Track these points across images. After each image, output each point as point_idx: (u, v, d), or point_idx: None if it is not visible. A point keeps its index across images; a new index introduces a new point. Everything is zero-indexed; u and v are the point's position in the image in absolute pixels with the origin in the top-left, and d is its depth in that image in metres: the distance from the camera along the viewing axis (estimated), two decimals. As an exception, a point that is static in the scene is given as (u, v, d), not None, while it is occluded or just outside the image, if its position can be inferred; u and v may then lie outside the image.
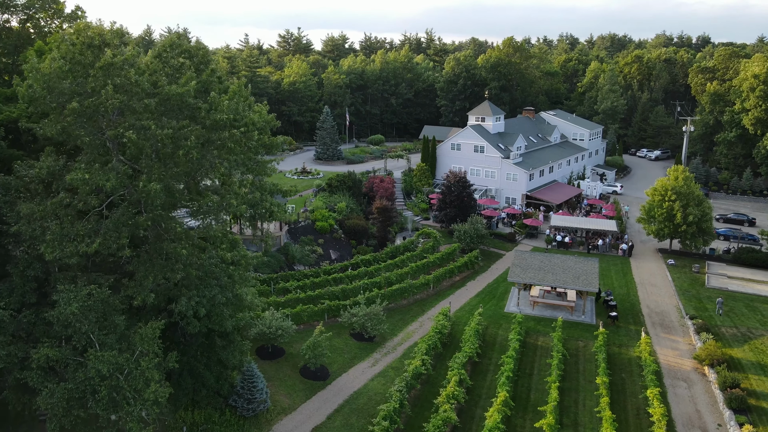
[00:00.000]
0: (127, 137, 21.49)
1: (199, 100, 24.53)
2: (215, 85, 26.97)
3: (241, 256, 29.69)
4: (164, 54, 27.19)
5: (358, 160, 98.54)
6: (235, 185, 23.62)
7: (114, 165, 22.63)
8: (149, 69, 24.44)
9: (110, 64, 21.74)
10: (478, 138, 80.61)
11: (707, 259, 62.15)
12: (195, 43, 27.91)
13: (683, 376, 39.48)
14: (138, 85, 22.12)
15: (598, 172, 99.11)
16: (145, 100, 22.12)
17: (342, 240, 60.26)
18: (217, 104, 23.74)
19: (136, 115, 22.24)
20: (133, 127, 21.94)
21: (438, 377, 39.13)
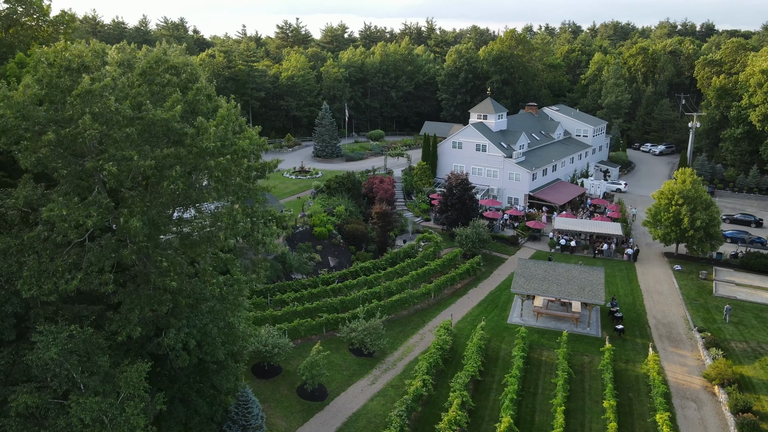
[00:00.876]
0: (107, 169, 19.98)
1: (186, 124, 22.94)
2: (203, 104, 25.36)
3: (234, 280, 28.27)
4: (149, 71, 25.56)
5: (357, 157, 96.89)
6: (224, 216, 22.12)
7: (95, 198, 21.13)
8: (132, 91, 22.83)
9: (88, 92, 20.14)
10: (480, 136, 78.88)
11: (714, 264, 60.80)
12: (182, 59, 26.21)
13: (692, 395, 38.26)
14: (119, 113, 20.54)
15: (601, 169, 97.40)
16: (126, 129, 20.56)
17: (341, 246, 58.87)
18: (205, 129, 22.17)
19: (117, 144, 20.69)
20: (113, 158, 20.40)
21: (439, 397, 37.95)
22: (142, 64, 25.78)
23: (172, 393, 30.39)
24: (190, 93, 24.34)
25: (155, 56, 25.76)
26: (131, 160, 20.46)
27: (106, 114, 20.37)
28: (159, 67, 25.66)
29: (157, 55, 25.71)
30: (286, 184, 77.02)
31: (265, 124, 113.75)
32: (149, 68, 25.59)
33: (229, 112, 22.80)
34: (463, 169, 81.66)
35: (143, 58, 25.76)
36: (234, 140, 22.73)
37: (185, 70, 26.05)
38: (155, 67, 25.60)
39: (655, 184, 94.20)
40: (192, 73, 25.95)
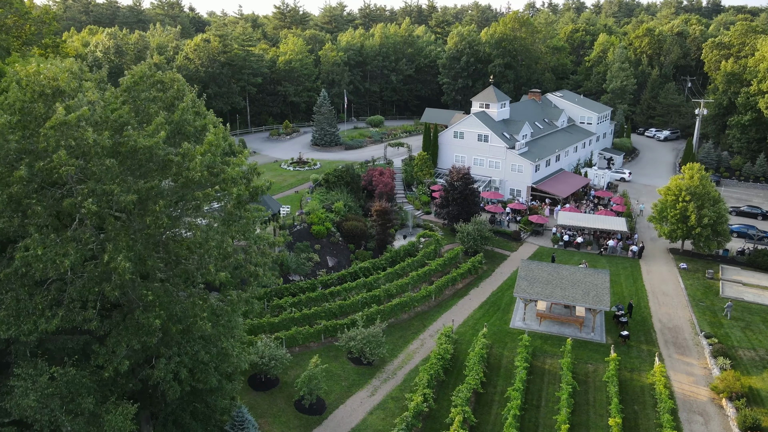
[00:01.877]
0: (85, 207, 18.55)
1: (171, 149, 21.40)
2: (190, 123, 23.76)
3: (227, 302, 26.90)
4: (134, 87, 23.93)
5: (356, 145, 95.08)
6: (213, 250, 20.75)
7: (74, 233, 19.74)
8: (113, 114, 21.22)
9: (63, 123, 18.58)
10: (482, 126, 76.97)
11: (720, 261, 59.62)
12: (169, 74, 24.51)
13: (699, 408, 37.38)
14: (97, 144, 19.01)
15: (605, 157, 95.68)
16: (106, 161, 19.06)
17: (340, 244, 57.60)
18: (191, 157, 20.65)
19: (96, 177, 19.21)
20: (93, 193, 18.94)
21: (441, 410, 37.07)
22: (126, 80, 24.13)
23: (165, 415, 29.50)
24: (176, 113, 22.73)
25: (140, 71, 24.09)
26: (112, 195, 19.01)
27: (83, 146, 18.85)
28: (145, 82, 24.01)
29: (143, 71, 24.04)
30: (283, 176, 75.45)
31: (263, 110, 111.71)
32: (134, 84, 23.95)
33: (217, 138, 21.22)
34: (464, 159, 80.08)
35: (128, 74, 24.06)
36: (223, 167, 21.23)
37: (172, 85, 24.38)
38: (140, 82, 23.95)
39: (659, 173, 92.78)
40: (179, 90, 24.28)
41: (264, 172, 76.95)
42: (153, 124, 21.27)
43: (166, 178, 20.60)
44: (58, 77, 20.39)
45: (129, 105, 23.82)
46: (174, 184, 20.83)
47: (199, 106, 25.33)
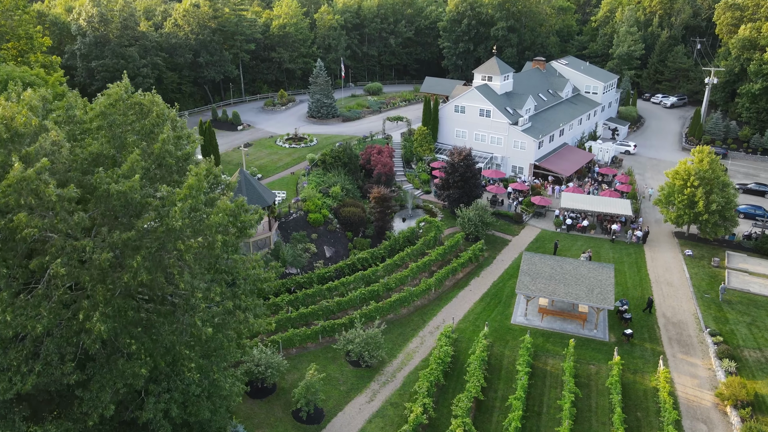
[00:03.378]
0: (54, 270, 16.95)
1: (149, 190, 19.57)
2: (171, 154, 21.80)
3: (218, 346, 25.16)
4: (110, 111, 21.85)
5: (354, 116, 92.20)
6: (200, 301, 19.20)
7: (45, 291, 18.18)
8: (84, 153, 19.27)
9: (21, 179, 16.69)
10: (484, 101, 74.14)
11: (726, 246, 58.28)
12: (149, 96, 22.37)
13: (703, 415, 36.83)
14: (63, 198, 17.19)
15: (610, 127, 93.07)
16: (74, 218, 17.29)
17: (337, 232, 56.09)
18: (172, 200, 18.86)
19: (64, 234, 17.51)
20: (62, 252, 17.29)
21: (441, 419, 36.48)
22: (101, 102, 22.01)
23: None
24: (156, 145, 20.77)
25: (117, 94, 21.96)
26: (84, 251, 17.36)
27: (46, 202, 17.05)
28: (121, 105, 21.93)
29: (119, 94, 21.89)
30: (279, 155, 73.19)
31: (257, 78, 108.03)
32: (110, 106, 21.87)
33: (199, 180, 19.29)
34: (465, 134, 77.65)
35: (103, 95, 21.92)
36: (207, 211, 19.44)
37: (151, 109, 22.27)
38: (116, 105, 21.86)
39: (665, 144, 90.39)
40: (159, 114, 22.18)
41: (259, 150, 74.43)
42: (128, 162, 19.35)
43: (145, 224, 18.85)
44: (15, 117, 18.31)
45: (104, 131, 21.81)
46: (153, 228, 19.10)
47: (180, 129, 23.25)
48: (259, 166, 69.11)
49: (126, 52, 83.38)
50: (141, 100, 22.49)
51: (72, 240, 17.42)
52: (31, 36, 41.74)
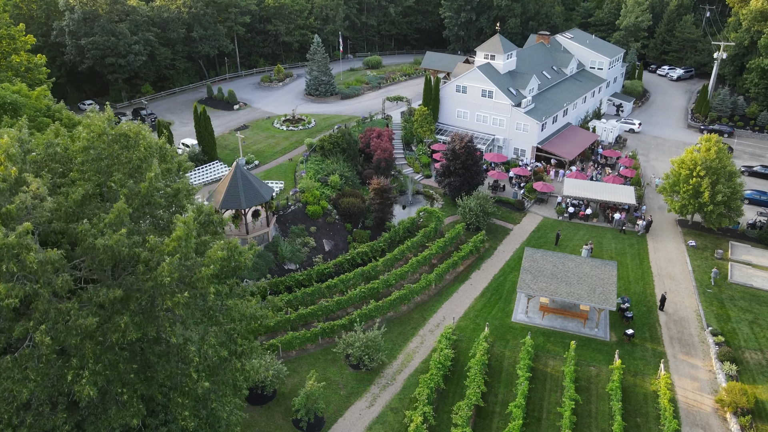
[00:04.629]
0: (38, 338, 16.25)
1: (137, 238, 18.69)
2: (161, 189, 20.81)
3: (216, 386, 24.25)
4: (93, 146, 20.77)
5: (353, 93, 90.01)
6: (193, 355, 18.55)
7: (32, 351, 17.52)
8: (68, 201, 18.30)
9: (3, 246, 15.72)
10: (487, 81, 72.10)
11: (730, 235, 57.55)
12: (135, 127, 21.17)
13: (702, 421, 36.89)
14: (47, 262, 16.32)
15: (614, 103, 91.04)
16: (58, 282, 16.47)
17: (336, 224, 55.28)
18: (160, 251, 18.00)
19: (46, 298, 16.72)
20: (46, 318, 16.55)
21: (440, 427, 36.54)
22: (82, 138, 20.88)
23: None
24: (143, 185, 19.76)
25: (98, 128, 20.80)
26: (68, 318, 16.62)
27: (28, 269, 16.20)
28: (104, 140, 20.81)
29: (101, 128, 20.73)
30: (276, 139, 71.64)
31: (253, 52, 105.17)
32: (92, 141, 20.76)
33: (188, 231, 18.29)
34: (466, 115, 75.92)
35: (83, 129, 20.75)
36: (198, 262, 18.59)
37: (137, 141, 21.13)
38: (99, 140, 20.75)
39: (670, 121, 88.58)
40: (147, 148, 21.05)
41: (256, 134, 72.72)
42: (114, 210, 18.40)
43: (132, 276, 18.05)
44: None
45: (89, 165, 20.75)
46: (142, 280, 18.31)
47: (170, 159, 22.16)
48: (256, 152, 67.74)
49: (116, 28, 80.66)
50: (126, 131, 21.31)
51: (56, 302, 16.68)
52: (14, 36, 39.92)
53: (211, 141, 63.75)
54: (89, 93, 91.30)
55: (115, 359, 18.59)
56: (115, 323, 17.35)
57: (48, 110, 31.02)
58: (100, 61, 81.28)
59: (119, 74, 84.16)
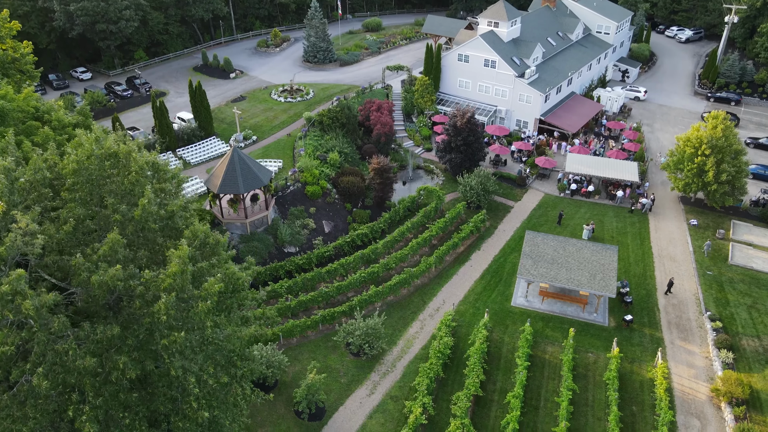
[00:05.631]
0: (35, 381, 16.12)
1: (133, 270, 18.34)
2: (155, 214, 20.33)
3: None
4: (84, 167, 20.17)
5: (352, 60, 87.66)
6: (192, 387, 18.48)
7: (30, 387, 17.45)
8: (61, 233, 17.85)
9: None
10: (490, 51, 70.01)
11: (732, 213, 57.11)
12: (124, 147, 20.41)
13: (697, 410, 37.53)
14: (43, 306, 16.01)
15: (620, 69, 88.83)
16: (55, 324, 16.21)
17: (336, 203, 54.79)
18: (156, 284, 17.70)
19: (43, 342, 16.50)
20: (43, 360, 16.39)
21: (440, 414, 37.24)
22: (71, 163, 20.24)
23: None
24: (137, 212, 19.27)
25: (87, 151, 20.13)
26: (67, 355, 16.48)
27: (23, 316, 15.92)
28: (93, 161, 20.20)
29: (89, 150, 20.06)
30: (274, 112, 70.16)
31: (248, 13, 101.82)
32: (80, 164, 20.15)
33: (183, 267, 17.87)
34: (468, 85, 74.16)
35: (71, 152, 20.07)
36: (195, 296, 18.29)
37: (127, 163, 20.50)
38: (88, 162, 20.14)
39: (677, 88, 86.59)
40: (138, 171, 20.40)
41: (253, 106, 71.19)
42: (108, 242, 17.99)
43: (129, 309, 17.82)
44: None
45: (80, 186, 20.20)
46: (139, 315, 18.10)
47: (163, 176, 21.55)
48: (254, 126, 66.49)
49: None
50: (115, 150, 20.61)
51: (53, 343, 16.52)
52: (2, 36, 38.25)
53: (208, 116, 62.46)
54: (81, 59, 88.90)
55: (115, 389, 18.59)
56: (114, 361, 17.25)
57: (36, 112, 29.88)
58: (91, 28, 78.70)
59: (111, 41, 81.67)
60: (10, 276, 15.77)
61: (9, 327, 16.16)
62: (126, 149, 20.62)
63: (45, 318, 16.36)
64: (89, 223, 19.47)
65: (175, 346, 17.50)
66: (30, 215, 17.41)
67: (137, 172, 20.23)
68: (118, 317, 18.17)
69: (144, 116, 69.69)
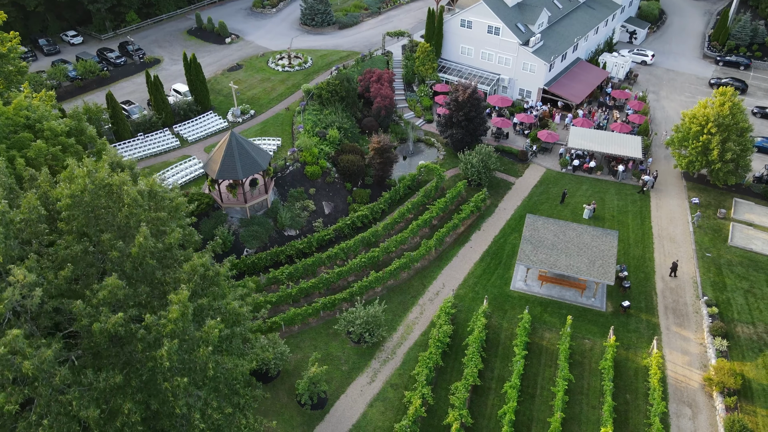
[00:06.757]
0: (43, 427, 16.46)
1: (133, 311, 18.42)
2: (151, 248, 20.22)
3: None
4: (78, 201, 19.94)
5: (351, 22, 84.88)
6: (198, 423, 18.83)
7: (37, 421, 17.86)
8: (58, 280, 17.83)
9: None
10: (494, 17, 67.66)
11: (735, 190, 56.65)
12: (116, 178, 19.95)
13: (689, 398, 38.54)
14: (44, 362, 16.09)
15: (628, 30, 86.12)
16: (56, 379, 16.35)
17: (336, 183, 54.38)
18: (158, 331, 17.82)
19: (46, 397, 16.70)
20: (48, 411, 16.64)
21: (439, 402, 38.27)
22: (66, 194, 19.95)
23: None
24: (133, 250, 19.17)
25: (79, 186, 19.81)
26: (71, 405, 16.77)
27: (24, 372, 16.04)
28: (88, 193, 19.96)
29: (82, 185, 19.75)
30: (272, 83, 68.52)
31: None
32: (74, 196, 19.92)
33: (184, 312, 17.83)
34: (471, 52, 72.13)
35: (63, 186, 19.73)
36: (196, 338, 18.39)
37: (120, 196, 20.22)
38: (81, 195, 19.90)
39: (686, 50, 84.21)
40: (132, 203, 20.12)
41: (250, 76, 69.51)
42: (107, 286, 17.99)
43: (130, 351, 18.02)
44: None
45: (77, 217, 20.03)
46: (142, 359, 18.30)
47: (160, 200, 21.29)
48: (251, 98, 65.12)
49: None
50: (109, 182, 20.24)
51: (57, 394, 16.76)
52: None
53: (204, 90, 61.10)
54: (71, 21, 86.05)
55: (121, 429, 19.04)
56: (118, 405, 17.58)
57: (28, 121, 28.86)
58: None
59: (100, 3, 78.86)
60: (6, 336, 15.85)
61: (12, 384, 16.41)
62: (119, 180, 20.25)
63: (47, 372, 16.59)
64: (89, 257, 19.37)
65: (179, 390, 17.81)
66: (27, 263, 17.29)
67: (130, 205, 19.94)
68: (121, 356, 18.38)
69: (138, 87, 68.15)
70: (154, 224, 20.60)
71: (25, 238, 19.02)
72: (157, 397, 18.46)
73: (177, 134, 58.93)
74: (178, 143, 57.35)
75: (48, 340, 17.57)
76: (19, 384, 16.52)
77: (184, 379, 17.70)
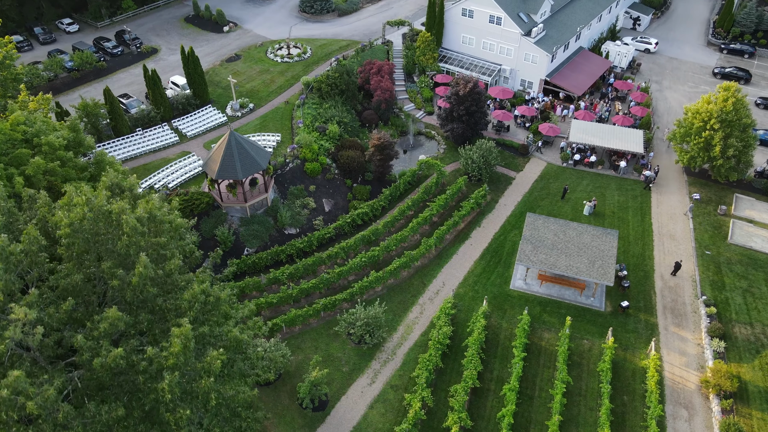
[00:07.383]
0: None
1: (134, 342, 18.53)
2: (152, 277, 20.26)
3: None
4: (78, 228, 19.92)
5: (351, 8, 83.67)
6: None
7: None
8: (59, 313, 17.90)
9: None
10: (495, 6, 66.59)
11: (736, 186, 56.44)
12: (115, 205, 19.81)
13: (686, 400, 39.00)
14: (46, 401, 16.22)
15: (631, 16, 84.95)
16: (59, 415, 16.52)
17: (336, 180, 54.20)
18: (160, 364, 17.94)
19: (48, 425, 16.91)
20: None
21: (438, 404, 38.75)
22: (65, 223, 19.91)
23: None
24: (134, 279, 19.22)
25: (77, 215, 19.74)
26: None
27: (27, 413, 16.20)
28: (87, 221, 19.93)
29: (81, 214, 19.70)
30: (271, 75, 67.76)
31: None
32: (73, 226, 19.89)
33: (186, 339, 17.97)
34: (473, 42, 71.23)
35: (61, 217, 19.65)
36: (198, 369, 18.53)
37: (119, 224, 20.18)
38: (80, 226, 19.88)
39: (690, 37, 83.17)
40: (131, 232, 20.08)
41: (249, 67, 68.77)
42: (107, 319, 18.09)
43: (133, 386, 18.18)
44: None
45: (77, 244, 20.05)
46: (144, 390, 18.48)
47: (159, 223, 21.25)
48: (250, 91, 64.50)
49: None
50: (108, 209, 20.17)
51: (61, 429, 16.96)
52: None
53: (202, 83, 60.49)
54: (66, 8, 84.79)
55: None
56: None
57: (25, 135, 28.51)
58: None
59: (97, -10, 77.69)
60: (8, 377, 15.99)
61: (16, 424, 16.61)
62: (118, 209, 20.16)
63: (50, 409, 16.77)
64: (89, 286, 19.41)
65: (182, 422, 18.05)
66: (27, 299, 17.34)
67: (129, 234, 19.90)
68: (124, 386, 18.56)
69: (136, 78, 67.45)
70: (154, 249, 20.64)
71: (25, 269, 19.04)
72: (160, 426, 18.73)
73: (176, 129, 58.54)
74: (177, 139, 56.96)
75: (51, 370, 17.73)
76: (23, 423, 16.76)
77: (186, 411, 17.93)
